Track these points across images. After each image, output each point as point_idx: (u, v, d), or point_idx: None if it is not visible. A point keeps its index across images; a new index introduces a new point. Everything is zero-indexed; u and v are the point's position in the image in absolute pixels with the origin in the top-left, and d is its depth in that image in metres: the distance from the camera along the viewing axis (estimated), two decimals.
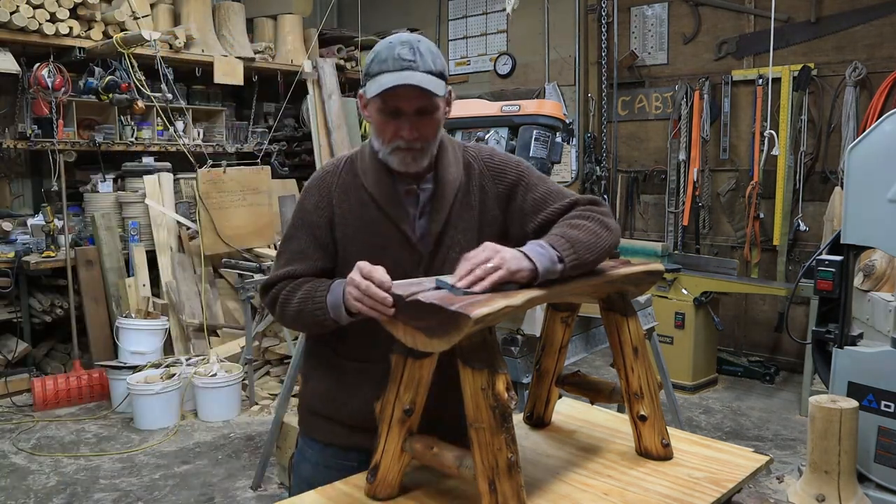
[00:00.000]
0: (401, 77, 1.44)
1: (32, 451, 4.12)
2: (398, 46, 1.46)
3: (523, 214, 1.59)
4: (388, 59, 1.45)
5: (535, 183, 1.61)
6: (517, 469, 1.23)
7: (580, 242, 1.39)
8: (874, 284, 3.70)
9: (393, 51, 1.46)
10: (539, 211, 1.57)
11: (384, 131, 1.51)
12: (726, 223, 5.75)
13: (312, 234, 1.59)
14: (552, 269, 1.33)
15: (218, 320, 5.42)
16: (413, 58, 1.45)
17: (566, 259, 1.34)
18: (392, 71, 1.45)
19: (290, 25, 6.77)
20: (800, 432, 4.28)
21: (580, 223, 1.45)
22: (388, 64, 1.45)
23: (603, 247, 1.43)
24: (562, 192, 1.60)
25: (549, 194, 1.59)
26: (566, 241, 1.37)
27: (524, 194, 1.60)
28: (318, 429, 1.68)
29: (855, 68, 4.94)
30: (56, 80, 5.09)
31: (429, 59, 1.47)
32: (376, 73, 1.46)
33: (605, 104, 6.22)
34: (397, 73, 1.44)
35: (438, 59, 1.49)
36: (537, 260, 1.31)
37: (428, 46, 1.49)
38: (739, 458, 1.54)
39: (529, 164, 1.68)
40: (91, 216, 5.40)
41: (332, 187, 1.60)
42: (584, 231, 1.42)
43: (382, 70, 1.45)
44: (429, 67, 1.46)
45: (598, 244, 1.41)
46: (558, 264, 1.33)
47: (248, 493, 3.60)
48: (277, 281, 1.59)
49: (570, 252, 1.36)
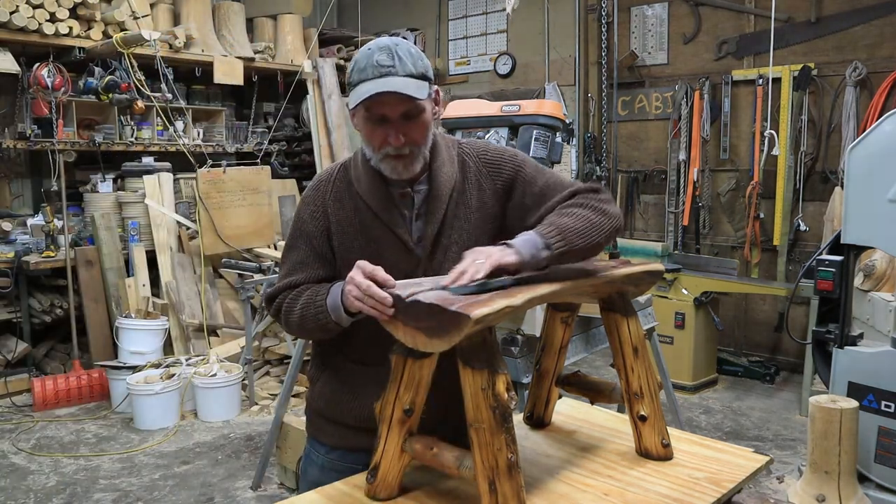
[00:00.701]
0: (380, 84, 1.43)
1: (32, 451, 4.12)
2: (376, 53, 1.45)
3: (524, 209, 1.58)
4: (366, 67, 1.45)
5: (534, 176, 1.60)
6: (517, 469, 1.24)
7: (570, 229, 1.40)
8: (874, 284, 3.70)
9: (371, 58, 1.45)
10: (540, 204, 1.56)
11: (372, 139, 1.51)
12: (726, 223, 5.74)
13: (310, 245, 1.59)
14: (538, 256, 1.35)
15: (218, 320, 5.42)
16: (391, 63, 1.44)
17: (553, 246, 1.36)
18: (371, 79, 1.44)
19: (290, 25, 6.77)
20: (800, 432, 4.28)
21: (573, 211, 1.46)
22: (368, 72, 1.45)
23: (598, 232, 1.43)
24: (561, 183, 1.59)
25: (549, 186, 1.58)
26: (555, 228, 1.40)
27: (523, 189, 1.59)
28: (324, 431, 1.68)
29: (855, 68, 4.94)
30: (56, 80, 5.09)
31: (408, 63, 1.45)
32: (357, 83, 1.46)
33: (605, 104, 6.21)
34: (377, 81, 1.44)
35: (419, 61, 1.48)
36: (521, 247, 1.34)
37: (407, 49, 1.48)
38: (739, 458, 1.54)
39: (525, 155, 1.67)
40: (91, 216, 5.40)
41: (327, 196, 1.60)
42: (576, 218, 1.43)
43: (362, 79, 1.45)
44: (409, 70, 1.45)
45: (590, 230, 1.42)
46: (544, 251, 1.36)
47: (248, 493, 3.60)
48: (280, 292, 1.60)
49: (559, 239, 1.38)
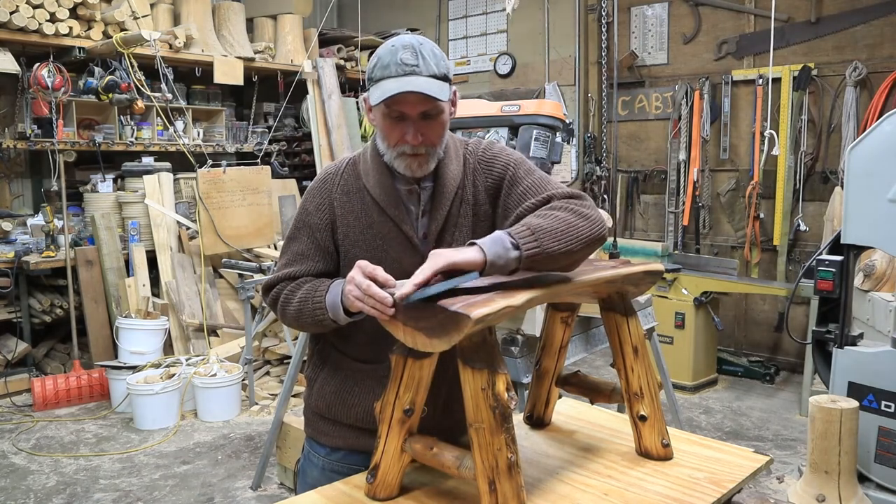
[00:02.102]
0: (404, 83, 1.42)
1: (32, 451, 4.12)
2: (401, 51, 1.44)
3: (507, 209, 1.56)
4: (390, 65, 1.44)
5: (521, 177, 1.57)
6: (517, 469, 1.24)
7: (542, 230, 1.34)
8: (874, 284, 3.70)
9: (395, 55, 1.44)
10: (519, 204, 1.53)
11: (390, 136, 1.51)
12: (726, 223, 5.74)
13: (313, 237, 1.59)
14: (505, 256, 1.30)
15: (218, 320, 5.42)
16: (416, 62, 1.44)
17: (522, 246, 1.31)
18: (395, 76, 1.43)
19: (290, 25, 6.77)
20: (800, 432, 4.28)
21: (549, 213, 1.41)
22: (391, 69, 1.44)
23: (575, 237, 1.37)
24: (543, 187, 1.53)
25: (532, 187, 1.54)
26: (526, 228, 1.34)
27: (509, 188, 1.57)
28: (324, 432, 1.68)
29: (855, 68, 4.94)
30: (56, 80, 5.09)
31: (432, 63, 1.45)
32: (379, 79, 1.45)
33: (605, 104, 6.21)
34: (400, 80, 1.43)
35: (442, 62, 1.48)
36: (486, 246, 1.29)
37: (431, 49, 1.47)
38: (739, 458, 1.54)
39: (523, 158, 1.65)
40: (91, 216, 5.40)
41: (334, 189, 1.60)
42: (551, 219, 1.38)
43: (385, 76, 1.44)
44: (432, 71, 1.45)
45: (566, 232, 1.36)
46: (513, 251, 1.31)
47: (248, 493, 3.60)
48: (278, 281, 1.60)
49: (530, 239, 1.32)
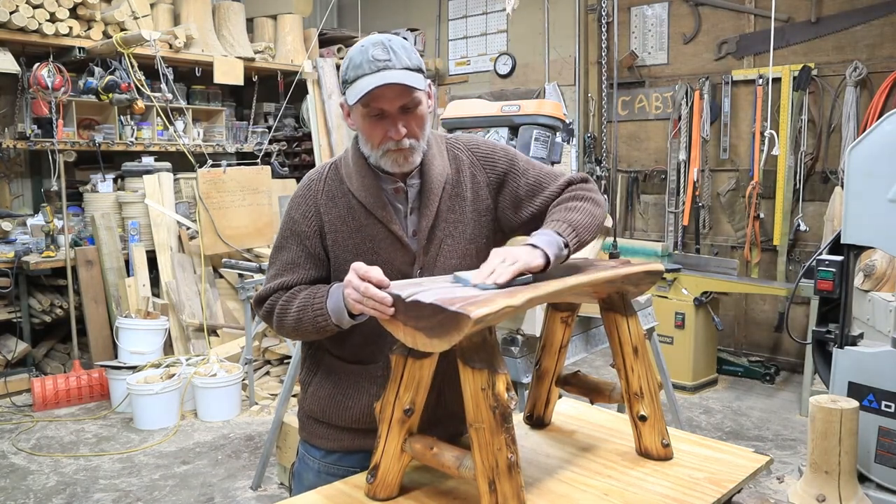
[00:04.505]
0: (379, 78, 1.43)
1: (32, 451, 4.12)
2: (371, 48, 1.46)
3: (518, 200, 1.62)
4: (362, 63, 1.45)
5: (526, 168, 1.65)
6: (517, 469, 1.23)
7: (581, 225, 1.49)
8: (874, 284, 3.70)
9: (366, 53, 1.45)
10: (535, 195, 1.61)
11: (372, 136, 1.51)
12: (726, 223, 5.74)
13: (302, 245, 1.58)
14: (560, 256, 1.42)
15: (218, 320, 5.42)
16: (388, 56, 1.45)
17: (571, 244, 1.45)
18: (369, 73, 1.44)
19: (290, 25, 6.77)
20: (800, 432, 4.28)
21: (577, 205, 1.54)
22: (364, 67, 1.45)
23: (597, 224, 1.54)
24: (553, 173, 1.65)
25: (542, 177, 1.64)
26: (568, 226, 1.47)
27: (516, 180, 1.63)
28: (319, 435, 1.67)
29: (855, 68, 4.94)
30: (56, 80, 5.09)
31: (403, 56, 1.46)
32: (354, 79, 1.46)
33: (605, 104, 6.20)
34: (375, 75, 1.44)
35: (413, 55, 1.49)
36: (547, 248, 1.39)
37: (401, 43, 1.49)
38: (739, 458, 1.54)
39: (512, 148, 1.72)
40: (91, 216, 5.41)
41: (319, 195, 1.59)
42: (582, 213, 1.52)
43: (359, 74, 1.45)
44: (405, 64, 1.46)
45: (593, 224, 1.53)
46: (564, 249, 1.43)
47: (248, 493, 3.60)
48: (271, 293, 1.58)
49: (574, 236, 1.46)
